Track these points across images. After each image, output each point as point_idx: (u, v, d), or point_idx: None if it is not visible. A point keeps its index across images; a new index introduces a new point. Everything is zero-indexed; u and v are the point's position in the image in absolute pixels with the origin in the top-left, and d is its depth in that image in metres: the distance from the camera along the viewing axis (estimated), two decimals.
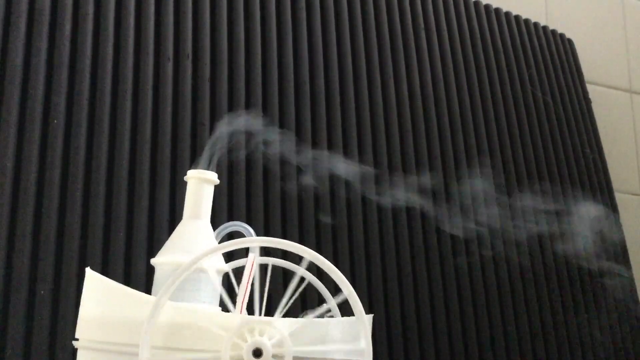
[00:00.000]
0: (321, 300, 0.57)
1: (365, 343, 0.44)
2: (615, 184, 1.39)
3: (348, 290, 0.45)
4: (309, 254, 0.45)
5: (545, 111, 1.31)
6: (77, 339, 0.48)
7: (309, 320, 0.45)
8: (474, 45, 1.28)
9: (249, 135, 0.96)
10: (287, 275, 0.87)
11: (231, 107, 0.98)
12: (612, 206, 1.32)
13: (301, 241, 0.95)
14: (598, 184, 1.32)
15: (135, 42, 0.94)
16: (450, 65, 1.22)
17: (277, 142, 0.98)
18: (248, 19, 1.05)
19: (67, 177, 0.83)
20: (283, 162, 0.98)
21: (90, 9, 0.92)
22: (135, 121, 0.90)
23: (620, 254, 1.28)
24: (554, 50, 1.41)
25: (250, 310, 0.49)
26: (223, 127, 0.93)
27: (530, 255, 1.16)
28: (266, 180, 0.96)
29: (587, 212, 1.27)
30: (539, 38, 1.39)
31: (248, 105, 0.99)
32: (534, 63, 1.34)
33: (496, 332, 1.07)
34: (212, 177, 0.54)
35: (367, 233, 1.02)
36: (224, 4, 1.03)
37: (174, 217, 0.88)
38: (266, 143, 0.97)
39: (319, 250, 0.95)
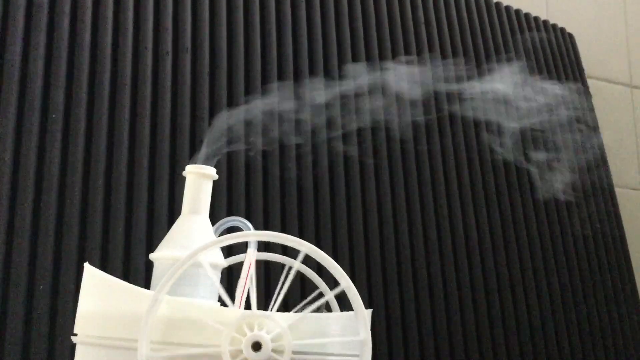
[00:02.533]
0: (320, 293, 0.57)
1: (364, 334, 0.44)
2: (616, 179, 1.39)
3: (347, 283, 0.44)
4: (306, 247, 0.45)
5: (545, 107, 1.30)
6: (75, 334, 0.48)
7: (308, 315, 0.45)
8: (474, 40, 1.27)
9: (248, 129, 0.96)
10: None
11: (230, 102, 0.97)
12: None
13: (301, 235, 0.94)
14: (598, 179, 1.32)
15: (134, 35, 0.93)
16: (450, 59, 1.22)
17: (277, 138, 0.98)
18: (247, 12, 1.04)
19: (66, 172, 0.83)
20: (283, 157, 0.98)
21: (89, 2, 0.91)
22: (134, 116, 0.90)
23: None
24: (554, 45, 1.40)
25: (248, 305, 0.49)
26: (221, 122, 0.93)
27: (530, 248, 1.16)
28: (266, 175, 0.96)
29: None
30: (539, 32, 1.39)
31: (247, 100, 0.99)
32: (534, 57, 1.34)
33: (495, 322, 1.07)
34: (211, 172, 0.54)
35: (366, 227, 1.01)
36: None
37: (173, 212, 0.87)
38: (265, 138, 0.97)
39: (318, 244, 0.95)
